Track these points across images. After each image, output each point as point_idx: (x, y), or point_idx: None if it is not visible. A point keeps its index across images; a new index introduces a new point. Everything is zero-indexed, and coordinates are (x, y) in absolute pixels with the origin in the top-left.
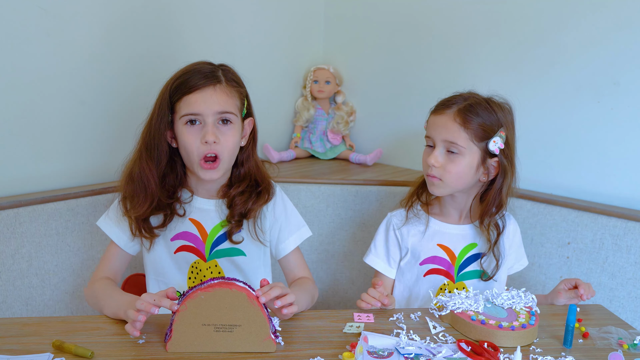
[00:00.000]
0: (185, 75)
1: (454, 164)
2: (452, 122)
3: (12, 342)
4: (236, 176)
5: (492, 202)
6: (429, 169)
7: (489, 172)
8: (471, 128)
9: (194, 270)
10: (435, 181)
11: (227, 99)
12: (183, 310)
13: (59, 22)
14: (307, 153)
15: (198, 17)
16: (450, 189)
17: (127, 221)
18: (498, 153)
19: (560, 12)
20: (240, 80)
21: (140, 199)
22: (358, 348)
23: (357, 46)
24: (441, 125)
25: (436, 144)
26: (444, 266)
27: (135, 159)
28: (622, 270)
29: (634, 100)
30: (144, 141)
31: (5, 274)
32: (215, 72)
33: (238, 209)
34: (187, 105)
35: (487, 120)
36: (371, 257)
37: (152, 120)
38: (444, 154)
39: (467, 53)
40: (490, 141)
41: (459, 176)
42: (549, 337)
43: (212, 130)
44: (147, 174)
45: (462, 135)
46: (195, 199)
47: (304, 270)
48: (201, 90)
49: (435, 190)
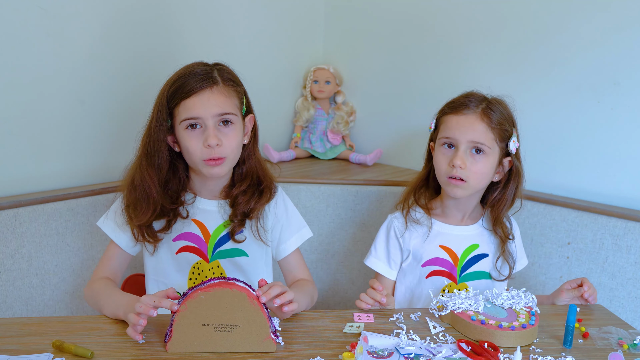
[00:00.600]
0: (180, 79)
1: (479, 164)
2: (480, 122)
3: (12, 342)
4: (238, 174)
5: (507, 204)
6: (453, 170)
7: (501, 173)
8: (496, 127)
9: (195, 271)
10: (459, 183)
11: (226, 99)
12: (183, 311)
13: (59, 22)
14: (307, 153)
15: (197, 17)
16: (472, 191)
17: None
18: (514, 152)
19: (560, 13)
20: (237, 78)
21: (143, 207)
22: (358, 348)
23: (357, 46)
24: (467, 125)
25: (459, 144)
26: (446, 267)
27: (136, 166)
28: (622, 270)
29: (634, 100)
30: (143, 148)
31: (5, 274)
32: (210, 74)
33: (241, 208)
34: (185, 110)
35: (507, 120)
36: (372, 259)
37: (151, 127)
38: (468, 155)
39: (468, 53)
40: (510, 141)
41: (482, 177)
42: (549, 337)
43: (213, 133)
44: (148, 182)
45: (489, 136)
46: (198, 200)
47: (304, 272)
48: (198, 93)
49: (457, 193)
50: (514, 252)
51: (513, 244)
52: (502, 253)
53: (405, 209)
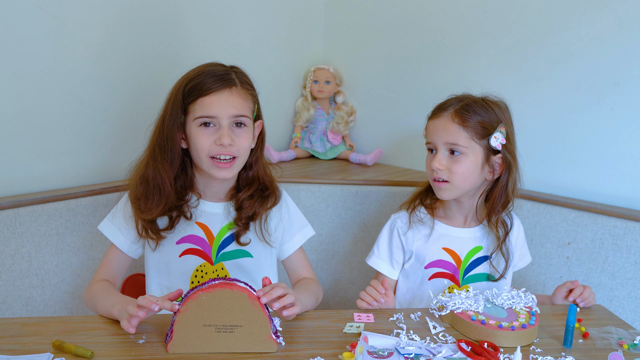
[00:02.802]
0: (199, 76)
1: (459, 165)
2: (451, 123)
3: (12, 342)
4: (244, 179)
5: (498, 198)
6: (434, 173)
7: (494, 170)
8: (470, 126)
9: (197, 274)
10: (442, 185)
11: (242, 102)
12: (184, 311)
13: (59, 22)
14: (307, 153)
15: (198, 17)
16: (459, 191)
17: (131, 224)
18: (500, 149)
19: (560, 12)
20: (251, 83)
21: (154, 201)
22: (358, 348)
23: (357, 46)
24: (440, 128)
25: (438, 147)
26: (449, 270)
27: (147, 160)
28: (622, 270)
29: (634, 101)
30: (157, 142)
31: (5, 274)
32: (229, 75)
33: (246, 212)
34: (202, 108)
35: (485, 117)
36: (374, 258)
37: (164, 121)
38: (447, 157)
39: (468, 53)
40: (491, 137)
41: (465, 176)
42: (549, 337)
43: (227, 133)
44: (162, 175)
45: (463, 135)
46: (202, 203)
47: (308, 271)
48: (217, 93)
49: (443, 194)
50: (510, 248)
51: (509, 241)
52: (498, 248)
53: (411, 208)
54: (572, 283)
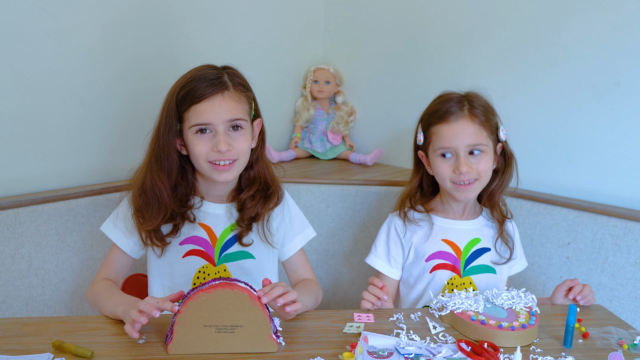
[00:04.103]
0: (190, 83)
1: (482, 162)
2: (472, 125)
3: (12, 342)
4: (246, 179)
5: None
6: (461, 176)
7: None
8: (487, 124)
9: (200, 275)
10: (469, 187)
11: (237, 105)
12: (184, 312)
13: (58, 22)
14: (307, 153)
15: (198, 17)
16: (482, 187)
17: (134, 229)
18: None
19: (559, 12)
20: (246, 82)
21: (154, 212)
22: (358, 348)
23: (357, 46)
24: (460, 131)
25: (459, 151)
26: (450, 260)
27: (145, 170)
28: (622, 270)
29: (634, 100)
30: (153, 152)
31: (5, 274)
32: (221, 78)
33: (249, 212)
34: (196, 115)
35: (490, 112)
36: (372, 257)
37: (160, 130)
38: (468, 157)
39: (467, 53)
40: (499, 131)
41: (489, 173)
42: (549, 337)
43: (224, 138)
44: (159, 186)
45: (483, 134)
46: (205, 204)
47: (308, 272)
48: (209, 99)
49: (469, 195)
50: (511, 233)
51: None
52: (501, 234)
53: (403, 214)
54: (572, 281)
